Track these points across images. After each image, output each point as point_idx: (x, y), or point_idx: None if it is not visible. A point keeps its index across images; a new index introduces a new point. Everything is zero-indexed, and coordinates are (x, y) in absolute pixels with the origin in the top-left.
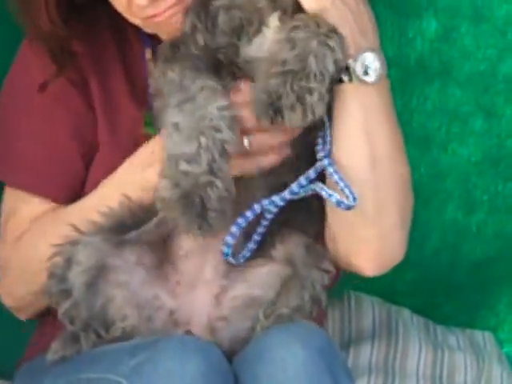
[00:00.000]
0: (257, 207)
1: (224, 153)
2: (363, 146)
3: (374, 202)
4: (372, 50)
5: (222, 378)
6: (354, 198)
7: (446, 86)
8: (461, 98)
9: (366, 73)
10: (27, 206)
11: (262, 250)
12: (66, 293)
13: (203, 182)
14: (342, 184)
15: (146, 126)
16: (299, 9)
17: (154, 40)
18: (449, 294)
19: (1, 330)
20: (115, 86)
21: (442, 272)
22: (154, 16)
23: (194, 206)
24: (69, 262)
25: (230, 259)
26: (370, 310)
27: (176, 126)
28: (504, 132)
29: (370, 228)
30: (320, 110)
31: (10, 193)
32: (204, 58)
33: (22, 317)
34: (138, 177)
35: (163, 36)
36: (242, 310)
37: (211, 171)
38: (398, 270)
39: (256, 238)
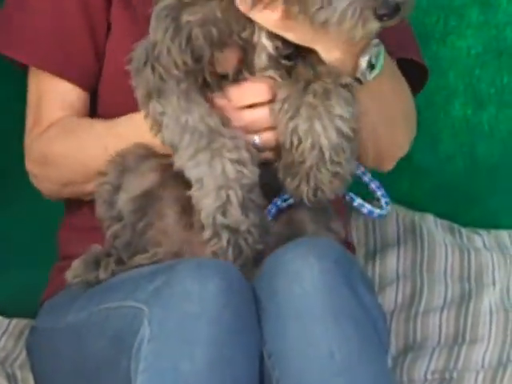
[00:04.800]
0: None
1: (253, 186)
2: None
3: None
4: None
5: (241, 295)
6: (386, 206)
7: None
8: None
9: (372, 68)
10: (56, 96)
11: None
12: (117, 218)
13: (243, 228)
14: (379, 193)
15: None
16: None
17: None
18: (470, 199)
19: (20, 270)
20: None
21: (459, 178)
22: None
23: (243, 251)
24: (117, 189)
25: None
26: (393, 218)
27: (201, 181)
28: (502, 23)
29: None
30: (353, 168)
31: (34, 75)
32: (188, 81)
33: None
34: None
35: None
36: None
37: (246, 213)
38: (414, 177)
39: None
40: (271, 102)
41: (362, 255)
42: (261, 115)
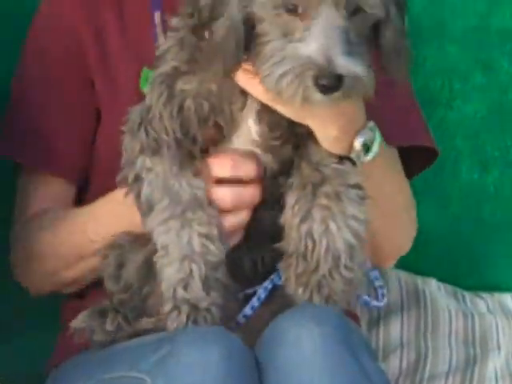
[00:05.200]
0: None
1: (218, 264)
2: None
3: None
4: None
5: (243, 363)
6: (383, 299)
7: (443, 45)
8: (458, 55)
9: (367, 151)
10: (41, 187)
11: None
12: (123, 289)
13: (203, 306)
14: (376, 284)
15: (142, 83)
16: None
17: (163, 3)
18: (474, 261)
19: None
20: (115, 50)
21: (464, 239)
22: None
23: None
24: (121, 263)
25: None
26: (396, 283)
27: (166, 248)
28: (504, 85)
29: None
30: (362, 257)
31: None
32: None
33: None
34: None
35: None
36: None
37: (208, 291)
38: (419, 243)
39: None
40: (253, 181)
41: (366, 323)
42: (238, 194)
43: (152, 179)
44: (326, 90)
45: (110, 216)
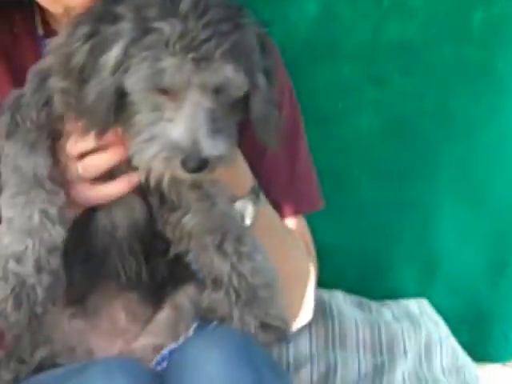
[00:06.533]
0: None
1: (53, 249)
2: None
3: None
4: (245, 197)
5: None
6: None
7: (335, 62)
8: (351, 71)
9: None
10: None
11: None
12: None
13: (30, 282)
14: None
15: None
16: None
17: (48, 36)
18: (377, 271)
19: None
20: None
21: (366, 251)
22: None
23: (22, 305)
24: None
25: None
26: None
27: (10, 221)
28: (396, 98)
29: None
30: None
31: None
32: (38, 133)
33: None
34: None
35: (61, 10)
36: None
37: (39, 270)
38: (325, 256)
39: None
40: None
41: None
42: (94, 161)
43: (5, 162)
44: (192, 171)
45: None
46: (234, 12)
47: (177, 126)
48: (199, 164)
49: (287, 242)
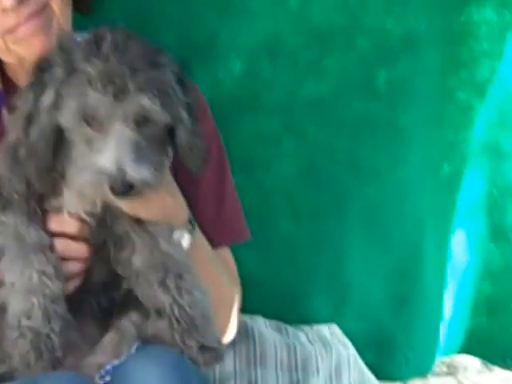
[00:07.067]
0: None
1: (56, 298)
2: None
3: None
4: (182, 227)
5: None
6: None
7: (257, 115)
8: (271, 123)
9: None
10: None
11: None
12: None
13: (45, 332)
14: None
15: None
16: None
17: (7, 97)
18: (294, 299)
19: None
20: None
21: (284, 281)
22: (17, 27)
23: (43, 354)
24: None
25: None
26: None
27: (12, 285)
28: (312, 148)
29: None
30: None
31: None
32: (29, 204)
33: None
34: None
35: (15, 60)
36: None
37: (49, 320)
38: (248, 285)
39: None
40: (79, 238)
41: None
42: (67, 246)
43: (3, 230)
44: (119, 194)
45: None
46: (151, 52)
47: (103, 155)
48: (125, 187)
49: (218, 269)
